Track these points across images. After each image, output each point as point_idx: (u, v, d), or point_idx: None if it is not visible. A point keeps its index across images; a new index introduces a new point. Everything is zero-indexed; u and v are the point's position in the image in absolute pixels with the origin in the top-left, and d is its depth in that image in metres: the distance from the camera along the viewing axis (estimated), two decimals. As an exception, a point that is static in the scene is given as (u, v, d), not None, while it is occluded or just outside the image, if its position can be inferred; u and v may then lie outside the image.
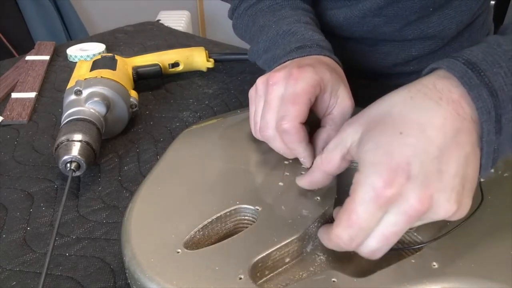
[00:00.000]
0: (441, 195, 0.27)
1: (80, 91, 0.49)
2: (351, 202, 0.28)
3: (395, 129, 0.28)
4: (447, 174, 0.27)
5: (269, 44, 0.50)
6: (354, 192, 0.28)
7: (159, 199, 0.36)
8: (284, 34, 0.49)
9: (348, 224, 0.28)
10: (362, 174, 0.28)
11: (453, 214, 0.27)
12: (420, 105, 0.28)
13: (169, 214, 0.34)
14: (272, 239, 0.32)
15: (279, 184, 0.37)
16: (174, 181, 0.38)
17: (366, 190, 0.27)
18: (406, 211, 0.27)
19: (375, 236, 0.28)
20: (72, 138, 0.44)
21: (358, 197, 0.27)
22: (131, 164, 0.49)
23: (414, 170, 0.26)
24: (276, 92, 0.38)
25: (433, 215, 0.27)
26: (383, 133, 0.28)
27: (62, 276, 0.36)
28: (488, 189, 0.37)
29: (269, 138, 0.39)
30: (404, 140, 0.27)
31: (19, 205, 0.43)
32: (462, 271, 0.30)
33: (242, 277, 0.29)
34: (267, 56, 0.50)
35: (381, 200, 0.27)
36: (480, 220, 0.34)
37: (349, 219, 0.28)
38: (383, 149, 0.27)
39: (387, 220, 0.27)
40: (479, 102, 0.28)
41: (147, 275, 0.29)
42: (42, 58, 0.75)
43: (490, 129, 0.28)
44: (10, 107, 0.60)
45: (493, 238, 0.33)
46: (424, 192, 0.26)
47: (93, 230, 0.40)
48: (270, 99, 0.38)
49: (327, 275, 0.30)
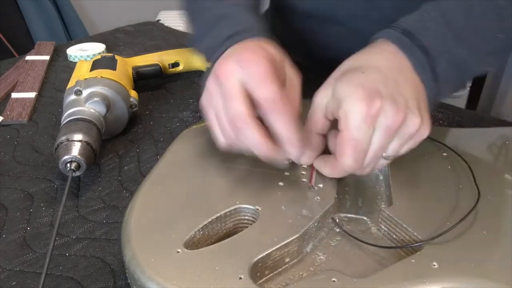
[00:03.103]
0: (408, 111, 0.33)
1: (80, 91, 0.49)
2: (347, 132, 0.33)
3: (358, 71, 0.35)
4: (406, 96, 0.34)
5: (205, 30, 0.46)
6: (346, 124, 0.33)
7: (159, 199, 0.36)
8: (219, 18, 0.45)
9: (352, 150, 0.33)
10: (346, 108, 0.33)
11: (419, 126, 0.34)
12: (370, 57, 0.37)
13: (169, 214, 0.34)
14: (272, 239, 0.32)
15: (279, 184, 0.37)
16: (174, 181, 0.38)
17: (355, 117, 0.33)
18: (387, 125, 0.33)
19: (369, 153, 0.34)
20: (72, 138, 0.44)
21: (351, 125, 0.33)
22: (131, 164, 0.49)
23: (384, 93, 0.33)
24: (233, 80, 0.34)
25: (406, 129, 0.34)
26: (350, 76, 0.35)
27: (62, 276, 0.36)
28: (488, 189, 0.37)
29: (245, 130, 0.34)
30: (368, 76, 0.35)
31: (19, 205, 0.43)
32: (462, 271, 0.30)
33: (242, 277, 0.29)
34: (202, 47, 0.46)
35: (369, 118, 0.32)
36: (480, 220, 0.34)
37: (351, 145, 0.33)
38: (355, 83, 0.34)
39: (375, 137, 0.34)
40: (413, 59, 0.36)
41: (147, 275, 0.29)
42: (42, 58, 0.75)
43: (428, 78, 0.37)
44: (10, 107, 0.60)
45: (493, 238, 0.33)
46: (397, 108, 0.33)
47: (93, 230, 0.40)
48: (230, 88, 0.34)
49: (327, 275, 0.30)
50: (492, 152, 0.43)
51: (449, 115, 0.56)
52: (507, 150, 0.43)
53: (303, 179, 0.38)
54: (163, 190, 0.37)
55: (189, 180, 0.38)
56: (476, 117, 0.57)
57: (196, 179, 0.38)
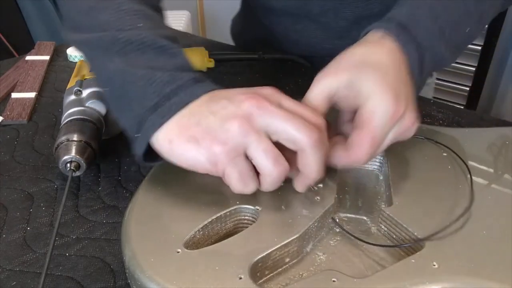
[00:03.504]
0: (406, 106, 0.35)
1: (80, 91, 0.49)
2: (370, 129, 0.34)
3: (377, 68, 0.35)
4: (405, 92, 0.36)
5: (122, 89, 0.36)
6: (371, 121, 0.34)
7: (159, 199, 0.36)
8: None
9: (370, 146, 0.34)
10: (373, 106, 0.34)
11: (414, 121, 0.36)
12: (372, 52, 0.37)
13: (169, 214, 0.34)
14: (272, 239, 0.32)
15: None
16: (174, 181, 0.38)
17: (382, 115, 0.34)
18: (402, 126, 0.35)
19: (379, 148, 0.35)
20: (72, 138, 0.44)
21: (376, 123, 0.34)
22: (131, 164, 0.49)
23: (402, 94, 0.35)
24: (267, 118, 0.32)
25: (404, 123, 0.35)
26: (373, 73, 0.35)
27: (62, 276, 0.36)
28: (488, 189, 0.37)
29: None
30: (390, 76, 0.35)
31: (19, 205, 0.43)
32: (462, 271, 0.30)
33: (242, 277, 0.29)
34: None
35: (394, 119, 0.34)
36: (480, 220, 0.34)
37: (371, 141, 0.34)
38: (382, 83, 0.34)
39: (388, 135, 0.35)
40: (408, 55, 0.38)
41: (147, 275, 0.29)
42: (42, 58, 0.75)
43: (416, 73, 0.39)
44: (10, 107, 0.60)
45: (493, 238, 0.33)
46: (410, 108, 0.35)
47: (93, 230, 0.40)
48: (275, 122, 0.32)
49: (327, 275, 0.30)
50: (492, 152, 0.43)
51: (449, 115, 0.56)
52: (507, 150, 0.43)
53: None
54: (163, 190, 0.37)
55: (189, 180, 0.38)
56: (476, 117, 0.57)
57: (196, 179, 0.38)
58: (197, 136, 0.32)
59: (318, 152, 0.32)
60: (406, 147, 0.42)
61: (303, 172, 0.34)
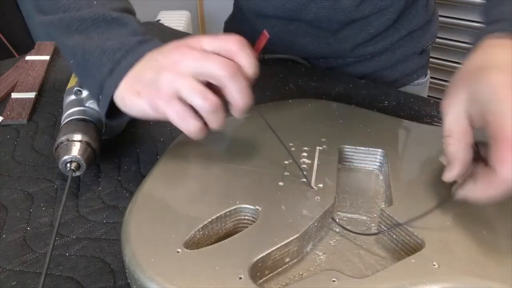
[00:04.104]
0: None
1: (80, 91, 0.49)
2: (507, 140, 0.30)
3: (493, 70, 0.33)
4: None
5: None
6: (503, 126, 0.31)
7: (159, 199, 0.36)
8: None
9: None
10: (500, 110, 0.31)
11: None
12: (493, 54, 0.35)
13: (169, 214, 0.34)
14: (272, 239, 0.32)
15: (279, 184, 0.37)
16: (174, 181, 0.38)
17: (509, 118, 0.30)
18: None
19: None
20: (72, 138, 0.44)
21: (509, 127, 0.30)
22: (131, 164, 0.49)
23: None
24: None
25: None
26: (489, 76, 0.33)
27: (62, 276, 0.36)
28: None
29: None
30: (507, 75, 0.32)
31: (19, 205, 0.43)
32: (462, 271, 0.30)
33: (242, 277, 0.29)
34: None
35: None
36: (480, 220, 0.34)
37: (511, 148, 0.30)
38: (500, 84, 0.32)
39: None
40: None
41: (147, 275, 0.29)
42: (42, 58, 0.75)
43: None
44: (10, 107, 0.60)
45: (493, 238, 0.33)
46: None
47: (93, 230, 0.40)
48: None
49: (327, 275, 0.30)
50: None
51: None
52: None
53: (303, 179, 0.38)
54: (163, 190, 0.37)
55: (189, 180, 0.38)
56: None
57: (196, 179, 0.38)
58: (139, 91, 0.38)
59: (237, 82, 0.36)
60: (406, 147, 0.42)
61: (232, 103, 0.37)
